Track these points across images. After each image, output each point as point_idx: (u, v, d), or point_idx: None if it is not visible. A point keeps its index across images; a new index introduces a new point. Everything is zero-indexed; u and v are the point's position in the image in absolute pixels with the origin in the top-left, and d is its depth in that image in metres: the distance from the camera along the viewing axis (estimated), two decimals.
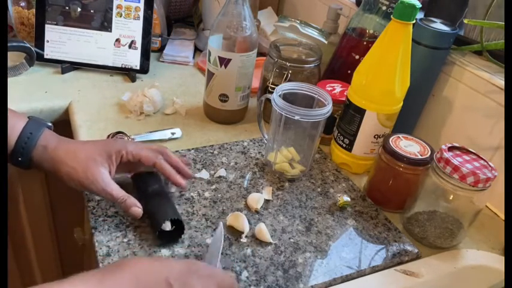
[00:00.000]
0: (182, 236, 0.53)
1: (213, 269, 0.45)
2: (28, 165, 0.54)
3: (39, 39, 0.87)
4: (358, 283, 0.52)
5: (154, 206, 0.54)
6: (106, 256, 0.50)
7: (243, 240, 0.55)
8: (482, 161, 0.55)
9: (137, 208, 0.53)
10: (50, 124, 0.57)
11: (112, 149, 0.55)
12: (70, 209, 0.88)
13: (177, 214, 0.53)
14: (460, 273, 0.56)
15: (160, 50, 1.01)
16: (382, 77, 0.63)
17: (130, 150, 0.55)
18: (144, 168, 0.58)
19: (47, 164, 0.53)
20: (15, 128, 0.52)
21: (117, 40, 0.89)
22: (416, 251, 0.57)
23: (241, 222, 0.56)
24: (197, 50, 1.06)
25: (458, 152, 0.56)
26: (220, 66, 0.73)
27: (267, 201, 0.62)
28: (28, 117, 0.55)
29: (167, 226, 0.52)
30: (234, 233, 0.56)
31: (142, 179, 0.58)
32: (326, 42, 0.86)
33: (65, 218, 0.94)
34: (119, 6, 0.88)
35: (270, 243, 0.55)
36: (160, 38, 1.01)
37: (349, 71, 0.74)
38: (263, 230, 0.55)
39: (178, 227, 0.53)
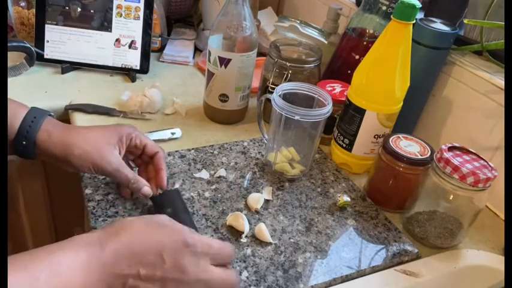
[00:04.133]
0: None
1: (209, 243, 0.41)
2: (33, 152, 0.52)
3: (39, 39, 0.87)
4: (358, 283, 0.53)
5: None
6: None
7: (243, 240, 0.55)
8: (482, 161, 0.55)
9: (148, 187, 0.55)
10: (51, 113, 0.56)
11: (123, 132, 0.55)
12: (70, 209, 0.88)
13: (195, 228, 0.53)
14: (460, 273, 0.56)
15: (160, 50, 1.01)
16: (382, 77, 0.63)
17: (139, 135, 0.57)
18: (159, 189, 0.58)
19: (55, 148, 0.52)
20: (17, 114, 0.51)
21: (117, 40, 0.89)
22: (416, 251, 0.57)
23: (241, 222, 0.56)
24: (197, 50, 1.06)
25: (458, 152, 0.56)
26: (220, 66, 0.73)
27: (267, 201, 0.62)
28: (31, 107, 0.54)
29: None
30: (234, 233, 0.56)
31: (162, 197, 0.57)
32: (326, 42, 0.86)
33: (65, 218, 0.94)
34: (119, 6, 0.88)
35: (270, 243, 0.55)
36: (160, 38, 1.01)
37: (349, 71, 0.74)
38: (263, 230, 0.55)
39: None
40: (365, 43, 0.76)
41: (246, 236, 0.55)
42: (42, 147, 0.52)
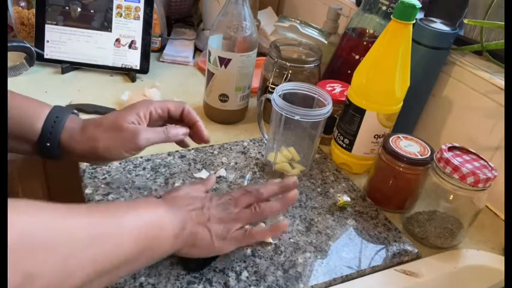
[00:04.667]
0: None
1: (239, 215, 0.49)
2: (57, 153, 0.51)
3: (39, 39, 0.87)
4: (358, 283, 0.52)
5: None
6: None
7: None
8: (482, 161, 0.55)
9: (182, 128, 0.56)
10: (75, 111, 0.55)
11: (139, 108, 0.54)
12: None
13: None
14: (460, 273, 0.56)
15: (160, 50, 1.02)
16: (382, 77, 0.63)
17: (157, 104, 0.55)
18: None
19: (80, 145, 0.51)
20: (39, 115, 0.50)
21: (117, 40, 0.89)
22: (416, 251, 0.57)
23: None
24: (197, 50, 1.06)
25: (458, 152, 0.56)
26: (220, 66, 0.73)
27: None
28: (54, 106, 0.53)
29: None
30: None
31: None
32: (326, 42, 0.86)
33: None
34: (119, 6, 0.88)
35: (270, 243, 0.55)
36: (160, 38, 1.01)
37: (349, 71, 0.74)
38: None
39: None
40: (365, 43, 0.76)
41: None
42: (66, 147, 0.51)
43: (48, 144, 0.50)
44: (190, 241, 0.46)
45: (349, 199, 0.63)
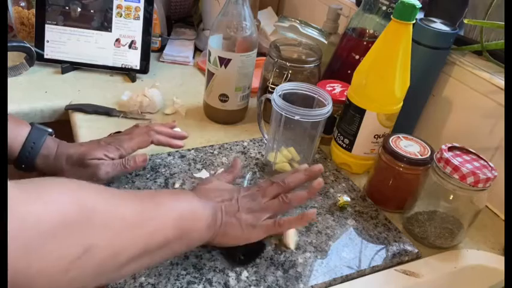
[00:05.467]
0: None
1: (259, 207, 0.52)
2: (33, 172, 0.56)
3: (39, 39, 0.87)
4: (358, 283, 0.52)
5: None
6: None
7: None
8: (482, 161, 0.55)
9: (139, 159, 0.60)
10: (50, 130, 0.59)
11: (109, 149, 0.58)
12: None
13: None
14: (460, 273, 0.56)
15: (160, 50, 1.02)
16: (382, 77, 0.63)
17: (126, 147, 0.59)
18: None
19: (49, 170, 0.56)
20: (18, 137, 0.55)
21: (117, 40, 0.89)
22: (416, 251, 0.57)
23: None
24: (197, 50, 1.06)
25: (458, 152, 0.56)
26: (220, 66, 0.73)
27: None
28: (30, 123, 0.57)
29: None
30: None
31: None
32: (326, 42, 0.86)
33: None
34: (119, 6, 0.88)
35: (289, 249, 0.55)
36: (160, 38, 1.01)
37: (349, 71, 0.74)
38: (291, 234, 0.55)
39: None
40: (365, 43, 0.76)
41: None
42: (39, 169, 0.57)
43: (24, 166, 0.56)
44: (222, 231, 0.48)
45: (349, 199, 0.62)
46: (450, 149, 0.56)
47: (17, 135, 0.55)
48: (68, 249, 0.32)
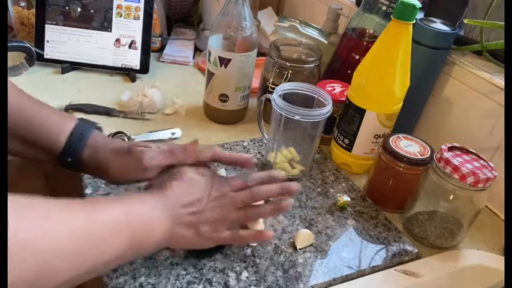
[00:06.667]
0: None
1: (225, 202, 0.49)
2: (76, 167, 0.53)
3: (39, 39, 0.87)
4: (358, 283, 0.52)
5: None
6: None
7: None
8: (482, 161, 0.55)
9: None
10: (99, 125, 0.57)
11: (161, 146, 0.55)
12: None
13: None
14: (460, 273, 0.56)
15: (160, 50, 1.01)
16: (382, 77, 0.63)
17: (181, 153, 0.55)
18: None
19: (95, 163, 0.53)
20: (64, 128, 0.52)
21: (117, 40, 0.89)
22: (416, 251, 0.57)
23: (258, 224, 0.55)
24: (197, 50, 1.06)
25: (458, 152, 0.56)
26: (220, 66, 0.73)
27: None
28: (78, 118, 0.55)
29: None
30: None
31: None
32: (326, 42, 0.86)
33: None
34: (119, 6, 0.88)
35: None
36: (160, 38, 1.01)
37: (349, 71, 0.74)
38: (305, 234, 0.56)
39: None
40: (365, 43, 0.76)
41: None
42: (85, 163, 0.53)
43: (70, 159, 0.52)
44: (176, 239, 0.47)
45: (349, 199, 0.62)
46: (450, 149, 0.56)
47: (64, 126, 0.52)
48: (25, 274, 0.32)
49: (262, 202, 0.52)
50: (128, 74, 0.90)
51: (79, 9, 0.87)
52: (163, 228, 0.44)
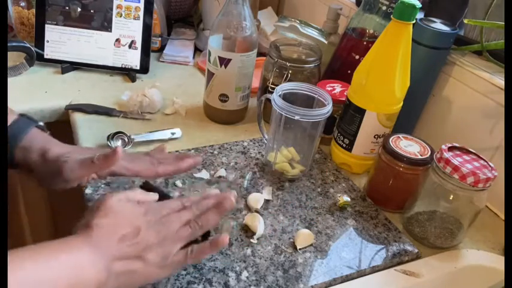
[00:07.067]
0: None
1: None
2: (13, 167, 0.51)
3: (39, 39, 0.87)
4: (358, 283, 0.52)
5: None
6: None
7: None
8: (482, 161, 0.55)
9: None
10: (41, 124, 0.54)
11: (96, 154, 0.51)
12: (70, 209, 0.88)
13: None
14: (460, 273, 0.56)
15: (160, 50, 1.01)
16: (382, 77, 0.63)
17: (121, 164, 0.53)
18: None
19: (26, 167, 0.51)
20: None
21: (117, 40, 0.89)
22: (416, 251, 0.57)
23: (257, 223, 0.56)
24: (197, 50, 1.06)
25: (458, 152, 0.56)
26: (220, 66, 0.73)
27: (267, 201, 0.62)
28: (20, 114, 0.53)
29: None
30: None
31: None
32: (326, 42, 0.86)
33: (65, 218, 0.94)
34: (119, 6, 0.88)
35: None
36: (160, 38, 1.01)
37: (349, 71, 0.74)
38: (305, 234, 0.56)
39: None
40: (365, 43, 0.76)
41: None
42: (19, 164, 0.51)
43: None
44: (123, 280, 0.42)
45: (349, 199, 0.62)
46: (450, 149, 0.56)
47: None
48: None
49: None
50: (128, 74, 0.90)
51: (79, 9, 0.87)
52: (98, 276, 0.39)
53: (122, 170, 0.53)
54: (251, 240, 0.55)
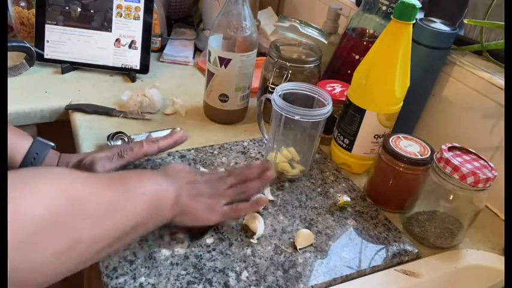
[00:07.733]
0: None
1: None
2: None
3: (39, 39, 0.87)
4: (358, 283, 0.52)
5: None
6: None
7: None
8: (482, 161, 0.55)
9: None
10: (53, 144, 0.59)
11: (112, 150, 0.58)
12: None
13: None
14: (460, 273, 0.56)
15: (160, 50, 1.02)
16: (382, 77, 0.63)
17: (129, 153, 0.59)
18: None
19: None
20: (20, 147, 0.54)
21: (117, 40, 0.89)
22: (416, 251, 0.57)
23: (257, 223, 0.56)
24: (197, 50, 1.06)
25: (458, 152, 0.56)
26: (220, 66, 0.73)
27: None
28: (34, 138, 0.57)
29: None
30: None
31: None
32: (326, 42, 0.86)
33: None
34: (119, 6, 0.88)
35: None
36: (160, 38, 1.01)
37: (349, 71, 0.74)
38: (305, 234, 0.56)
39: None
40: (365, 43, 0.76)
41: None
42: None
43: None
44: (183, 211, 0.50)
45: (349, 199, 0.62)
46: (450, 149, 0.56)
47: (19, 146, 0.55)
48: (58, 244, 0.35)
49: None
50: (128, 74, 0.90)
51: (79, 9, 0.87)
52: (173, 195, 0.48)
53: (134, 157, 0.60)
54: (251, 240, 0.55)
